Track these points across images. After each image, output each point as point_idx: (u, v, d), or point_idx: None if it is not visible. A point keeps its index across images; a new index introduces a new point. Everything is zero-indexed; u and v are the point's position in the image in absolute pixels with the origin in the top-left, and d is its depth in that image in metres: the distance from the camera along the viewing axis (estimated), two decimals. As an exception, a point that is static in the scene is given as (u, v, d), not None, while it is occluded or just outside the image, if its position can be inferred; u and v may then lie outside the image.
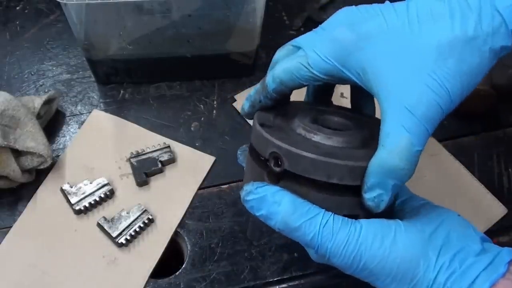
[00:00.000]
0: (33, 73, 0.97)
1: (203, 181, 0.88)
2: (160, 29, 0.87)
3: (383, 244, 0.53)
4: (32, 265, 0.79)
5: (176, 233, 0.84)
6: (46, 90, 0.95)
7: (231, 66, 0.95)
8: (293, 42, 0.61)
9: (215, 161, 0.89)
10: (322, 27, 0.58)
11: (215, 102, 0.96)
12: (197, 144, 0.91)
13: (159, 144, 0.88)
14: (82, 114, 0.93)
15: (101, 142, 0.90)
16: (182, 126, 0.93)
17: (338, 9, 0.59)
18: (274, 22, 1.03)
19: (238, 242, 0.83)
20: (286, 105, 0.65)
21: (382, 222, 0.55)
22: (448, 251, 0.54)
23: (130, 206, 0.83)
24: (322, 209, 0.54)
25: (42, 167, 0.83)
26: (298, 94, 0.65)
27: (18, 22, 1.03)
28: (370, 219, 0.55)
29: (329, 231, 0.53)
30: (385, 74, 0.53)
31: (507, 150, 0.93)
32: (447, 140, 0.94)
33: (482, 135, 0.95)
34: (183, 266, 0.81)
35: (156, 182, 0.87)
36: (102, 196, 0.83)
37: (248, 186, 0.57)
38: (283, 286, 0.80)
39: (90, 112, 0.93)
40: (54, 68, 0.98)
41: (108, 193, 0.84)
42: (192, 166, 0.89)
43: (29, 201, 0.84)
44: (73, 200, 0.83)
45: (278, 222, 0.55)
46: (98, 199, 0.83)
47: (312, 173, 0.54)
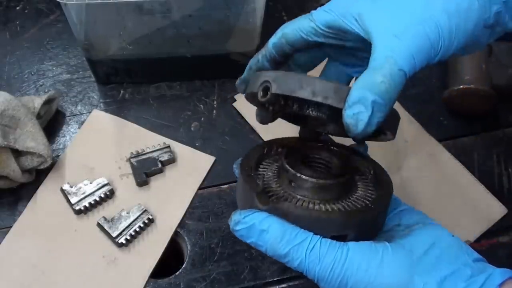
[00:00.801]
0: (33, 73, 0.97)
1: (203, 181, 0.88)
2: (160, 29, 0.87)
3: (369, 268, 0.53)
4: (32, 265, 0.79)
5: (176, 233, 0.84)
6: (46, 90, 0.95)
7: (231, 66, 0.95)
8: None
9: (215, 161, 0.89)
10: None
11: (215, 102, 0.96)
12: (197, 144, 0.91)
13: (159, 144, 0.88)
14: (82, 114, 0.93)
15: (101, 142, 0.90)
16: (182, 126, 0.93)
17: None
18: (274, 22, 1.02)
19: (238, 242, 0.83)
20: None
21: (370, 245, 0.54)
22: (436, 275, 0.53)
23: (130, 206, 0.83)
24: (310, 232, 0.54)
25: (42, 167, 0.83)
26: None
27: (18, 22, 1.03)
28: (358, 242, 0.55)
29: (315, 256, 0.53)
30: (378, 15, 0.56)
31: (507, 150, 0.93)
32: (447, 140, 0.94)
33: (482, 135, 0.95)
34: (183, 266, 0.81)
35: (156, 182, 0.87)
36: (102, 196, 0.83)
37: (236, 215, 0.57)
38: (283, 286, 0.81)
39: (90, 112, 0.93)
40: (54, 68, 0.98)
41: (108, 193, 0.84)
42: (192, 166, 0.89)
43: (29, 201, 0.84)
44: (73, 200, 0.83)
45: (268, 249, 0.55)
46: (98, 199, 0.83)
47: (297, 90, 0.55)
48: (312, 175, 0.58)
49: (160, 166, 0.86)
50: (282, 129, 0.73)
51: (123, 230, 0.81)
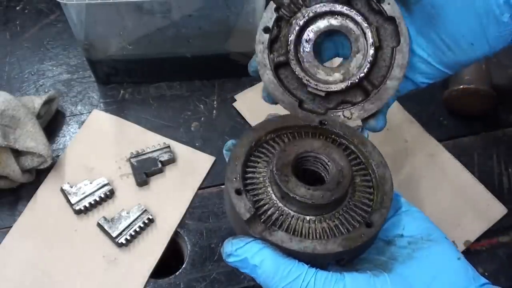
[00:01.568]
0: (33, 73, 0.97)
1: (203, 181, 0.88)
2: (160, 29, 0.87)
3: None
4: (32, 265, 0.79)
5: (176, 233, 0.84)
6: (46, 90, 0.95)
7: (231, 66, 0.95)
8: None
9: (215, 161, 0.89)
10: None
11: (215, 102, 0.96)
12: (197, 144, 0.91)
13: (159, 144, 0.88)
14: (82, 114, 0.93)
15: (101, 142, 0.90)
16: (182, 126, 0.93)
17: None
18: (274, 22, 1.03)
19: (238, 242, 0.83)
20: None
21: (368, 280, 0.52)
22: None
23: (130, 206, 0.83)
24: (305, 266, 0.52)
25: (42, 167, 0.83)
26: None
27: (18, 22, 1.03)
28: (355, 276, 0.52)
29: None
30: None
31: (507, 150, 0.93)
32: (447, 140, 0.94)
33: (482, 135, 0.95)
34: (183, 266, 0.81)
35: (156, 182, 0.87)
36: (102, 196, 0.83)
37: (227, 246, 0.55)
38: (283, 286, 0.81)
39: (90, 112, 0.93)
40: (54, 68, 0.98)
41: (108, 193, 0.84)
42: (192, 166, 0.89)
43: (29, 201, 0.84)
44: (73, 200, 0.83)
45: (261, 283, 0.54)
46: (98, 199, 0.83)
47: None
48: (304, 196, 0.55)
49: (160, 166, 0.86)
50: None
51: (123, 230, 0.81)
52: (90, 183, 0.84)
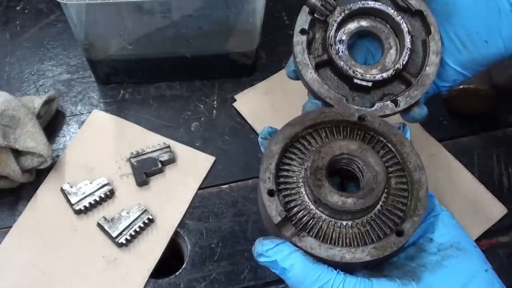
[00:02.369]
0: (33, 73, 0.97)
1: (203, 181, 0.88)
2: (160, 29, 0.87)
3: None
4: (32, 265, 0.79)
5: (176, 233, 0.84)
6: (46, 90, 0.95)
7: (231, 66, 0.95)
8: None
9: (215, 161, 0.89)
10: None
11: (215, 102, 0.96)
12: (197, 144, 0.91)
13: (159, 144, 0.88)
14: (82, 114, 0.93)
15: (101, 142, 0.90)
16: (182, 126, 0.93)
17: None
18: (274, 22, 1.03)
19: (238, 242, 0.83)
20: None
21: (396, 287, 0.52)
22: None
23: (130, 206, 0.83)
24: (334, 272, 0.53)
25: (42, 167, 0.83)
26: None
27: (18, 22, 1.03)
28: (383, 282, 0.52)
29: None
30: None
31: (507, 150, 0.93)
32: (447, 140, 0.94)
33: (482, 135, 0.95)
34: (183, 266, 0.81)
35: (156, 182, 0.87)
36: (102, 196, 0.83)
37: (258, 247, 0.56)
38: (283, 286, 0.80)
39: (90, 112, 0.93)
40: (54, 68, 0.98)
41: (108, 193, 0.84)
42: (192, 166, 0.89)
43: (29, 201, 0.84)
44: (73, 200, 0.83)
45: (290, 285, 0.55)
46: (98, 199, 0.83)
47: None
48: (336, 203, 0.55)
49: (160, 166, 0.86)
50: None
51: (123, 230, 0.81)
52: (90, 183, 0.84)
